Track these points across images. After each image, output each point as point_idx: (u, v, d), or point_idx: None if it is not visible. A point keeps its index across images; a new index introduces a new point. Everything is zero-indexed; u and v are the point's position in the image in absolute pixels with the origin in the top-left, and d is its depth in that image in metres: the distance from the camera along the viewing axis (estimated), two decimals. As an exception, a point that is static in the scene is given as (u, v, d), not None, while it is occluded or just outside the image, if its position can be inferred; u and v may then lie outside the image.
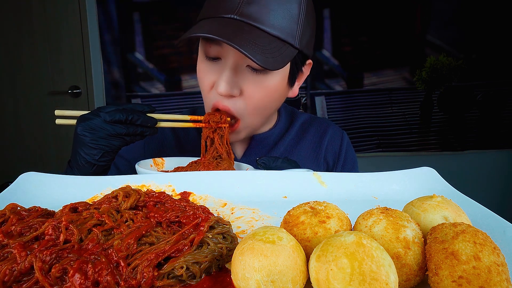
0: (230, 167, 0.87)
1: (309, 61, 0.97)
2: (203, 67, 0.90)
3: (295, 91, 0.99)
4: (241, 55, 0.83)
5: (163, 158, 0.96)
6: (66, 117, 0.86)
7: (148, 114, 0.85)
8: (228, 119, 0.89)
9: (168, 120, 0.88)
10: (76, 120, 0.83)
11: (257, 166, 0.85)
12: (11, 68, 2.77)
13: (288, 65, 0.89)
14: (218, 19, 0.81)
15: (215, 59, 0.87)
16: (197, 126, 0.89)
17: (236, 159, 0.97)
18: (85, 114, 0.82)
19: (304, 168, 0.85)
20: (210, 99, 0.90)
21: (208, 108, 0.92)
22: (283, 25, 0.82)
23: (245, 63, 0.85)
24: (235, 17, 0.80)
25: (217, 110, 0.90)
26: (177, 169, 0.91)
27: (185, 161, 0.96)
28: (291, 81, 0.94)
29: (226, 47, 0.83)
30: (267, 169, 0.82)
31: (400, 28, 2.63)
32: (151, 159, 0.94)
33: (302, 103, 2.73)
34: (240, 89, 0.86)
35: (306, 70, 0.99)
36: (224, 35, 0.75)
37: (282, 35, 0.82)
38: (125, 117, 0.80)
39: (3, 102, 2.83)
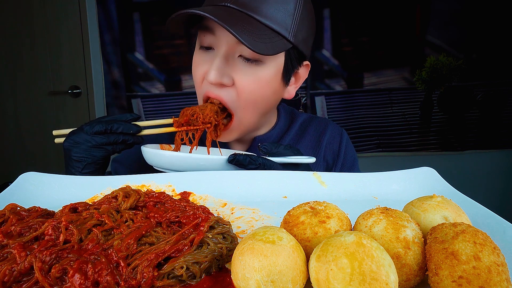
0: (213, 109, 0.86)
1: (307, 62, 0.97)
2: (197, 58, 0.91)
3: (291, 92, 0.98)
4: (234, 44, 0.84)
5: (170, 145, 0.96)
6: (64, 135, 0.87)
7: (133, 123, 0.84)
8: (213, 120, 0.87)
9: (152, 127, 0.87)
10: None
11: (259, 152, 0.85)
12: (11, 68, 2.77)
13: (282, 59, 0.89)
14: (213, 6, 0.83)
15: (208, 48, 0.87)
16: (180, 130, 0.87)
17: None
18: (72, 130, 0.85)
19: (306, 155, 0.85)
20: (202, 90, 0.90)
21: (200, 100, 0.92)
22: (277, 16, 0.83)
23: (237, 53, 0.85)
24: (228, 5, 0.82)
25: (207, 100, 0.89)
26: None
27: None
28: (286, 77, 0.93)
29: (219, 36, 0.84)
30: (268, 155, 0.82)
31: (400, 28, 2.63)
32: (158, 144, 0.93)
33: (302, 103, 2.73)
34: (231, 78, 0.86)
35: (303, 72, 0.98)
36: (213, 14, 0.76)
37: (275, 26, 0.83)
38: (104, 127, 0.81)
39: (3, 102, 2.83)
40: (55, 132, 0.88)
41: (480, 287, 0.36)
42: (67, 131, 0.87)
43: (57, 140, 0.88)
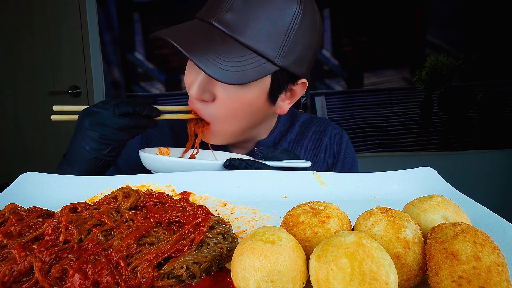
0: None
1: (302, 80, 0.90)
2: (188, 65, 0.90)
3: (284, 108, 0.94)
4: None
5: (169, 148, 0.97)
6: (64, 112, 0.83)
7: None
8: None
9: (169, 112, 0.87)
10: (76, 115, 0.81)
11: (256, 156, 0.84)
12: (11, 68, 2.77)
13: (268, 81, 0.85)
14: (198, 22, 0.81)
15: None
16: (194, 117, 0.89)
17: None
18: (90, 107, 0.80)
19: (303, 159, 0.85)
20: (190, 96, 0.90)
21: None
22: (263, 38, 0.77)
23: None
24: (212, 22, 0.78)
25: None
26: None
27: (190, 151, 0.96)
28: (272, 98, 0.88)
29: None
30: (265, 159, 0.82)
31: (400, 28, 2.63)
32: (156, 148, 0.94)
33: (302, 103, 2.72)
34: (213, 94, 0.85)
35: (300, 89, 0.93)
36: (184, 42, 0.74)
37: (259, 48, 0.78)
38: (132, 109, 0.79)
39: (3, 102, 2.82)
40: (56, 108, 0.82)
41: (480, 287, 0.36)
42: (71, 107, 0.82)
43: (54, 117, 0.81)
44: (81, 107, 0.82)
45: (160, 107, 0.85)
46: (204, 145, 1.01)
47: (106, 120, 0.77)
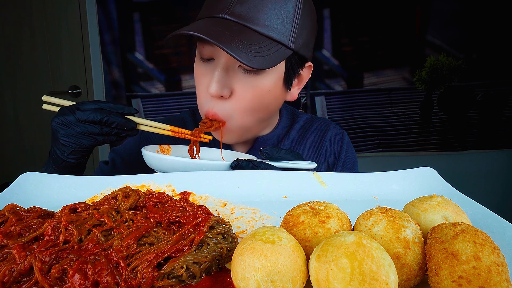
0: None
1: (309, 63, 0.95)
2: (198, 68, 0.90)
3: (294, 95, 0.97)
4: None
5: (170, 146, 0.96)
6: (53, 104, 0.84)
7: (129, 117, 0.83)
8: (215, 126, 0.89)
9: (147, 125, 0.86)
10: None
11: (260, 156, 0.84)
12: (11, 68, 2.77)
13: (283, 66, 0.88)
14: (210, 19, 0.82)
15: (209, 59, 0.87)
16: (176, 136, 0.88)
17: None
18: (64, 107, 0.81)
19: (307, 160, 0.85)
20: (204, 104, 0.89)
21: (202, 113, 0.91)
22: (276, 24, 0.81)
23: (237, 63, 0.84)
24: (225, 16, 0.80)
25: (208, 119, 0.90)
26: None
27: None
28: (287, 83, 0.92)
29: (218, 47, 0.83)
30: (269, 159, 0.82)
31: (400, 28, 2.63)
32: (157, 145, 0.94)
33: (302, 103, 2.72)
34: (231, 89, 0.85)
35: (306, 73, 0.97)
36: (208, 33, 0.75)
37: (274, 35, 0.81)
38: (99, 118, 0.79)
39: (3, 102, 2.83)
40: (45, 98, 0.84)
41: (480, 287, 0.36)
42: (59, 101, 0.83)
43: (45, 107, 0.84)
44: (66, 102, 0.83)
45: (138, 120, 0.84)
46: (205, 144, 1.01)
47: (70, 123, 0.79)
